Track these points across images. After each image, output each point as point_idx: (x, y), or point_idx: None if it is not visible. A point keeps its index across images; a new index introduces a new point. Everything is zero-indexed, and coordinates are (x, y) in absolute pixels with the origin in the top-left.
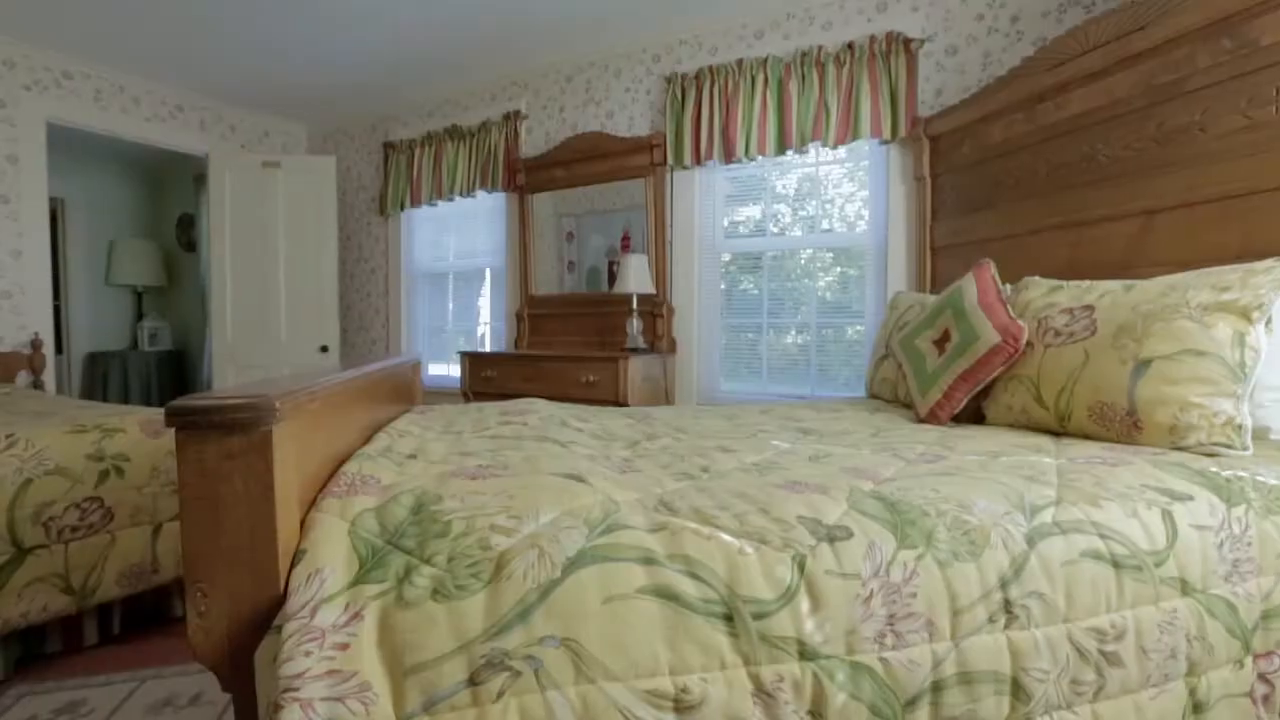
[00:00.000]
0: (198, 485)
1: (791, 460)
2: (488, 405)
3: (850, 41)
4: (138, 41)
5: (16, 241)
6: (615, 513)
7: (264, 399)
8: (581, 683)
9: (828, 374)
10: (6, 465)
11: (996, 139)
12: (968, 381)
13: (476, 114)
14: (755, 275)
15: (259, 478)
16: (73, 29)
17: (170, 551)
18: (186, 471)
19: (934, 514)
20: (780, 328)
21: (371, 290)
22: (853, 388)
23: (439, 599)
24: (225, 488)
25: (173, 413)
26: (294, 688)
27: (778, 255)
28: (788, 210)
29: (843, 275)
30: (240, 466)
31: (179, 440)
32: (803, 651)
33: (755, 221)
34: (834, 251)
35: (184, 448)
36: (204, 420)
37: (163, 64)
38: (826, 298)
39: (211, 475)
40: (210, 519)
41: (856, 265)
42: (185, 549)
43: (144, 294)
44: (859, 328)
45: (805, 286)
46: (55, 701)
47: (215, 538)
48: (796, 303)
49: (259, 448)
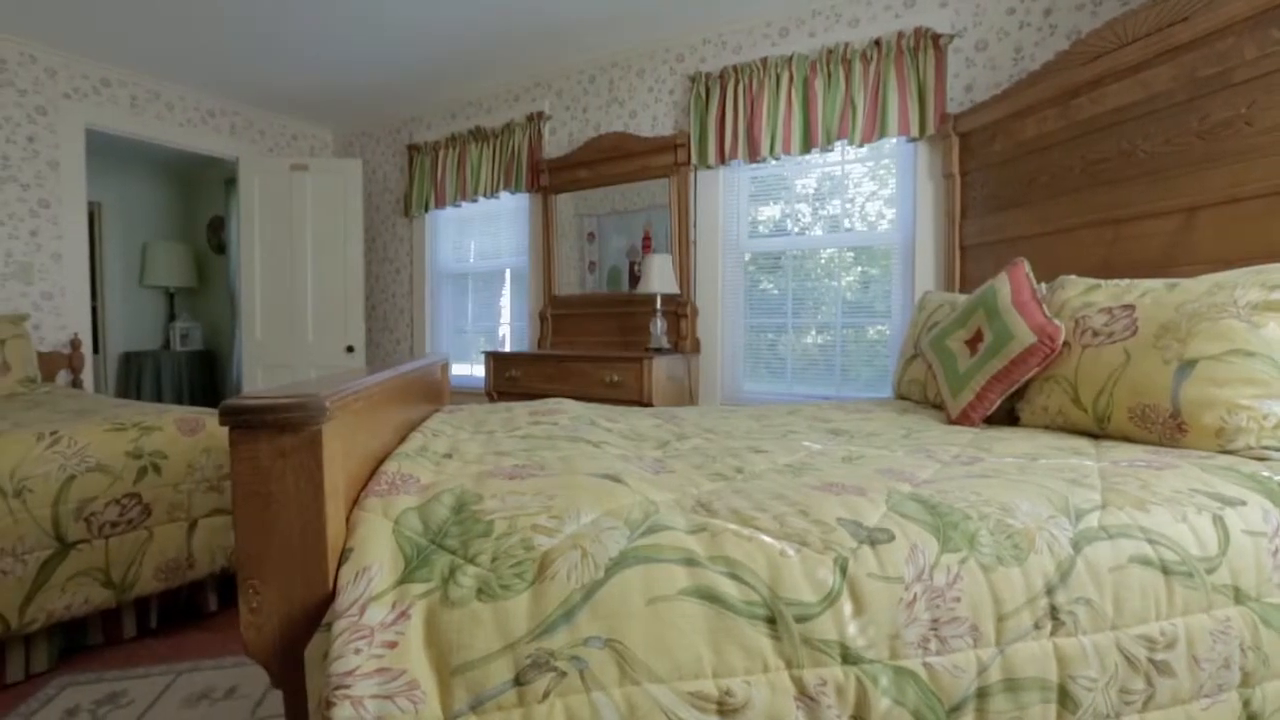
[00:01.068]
0: (250, 483)
1: (824, 461)
2: (516, 405)
3: (877, 38)
4: (172, 49)
5: (57, 244)
6: (655, 514)
7: (315, 398)
8: (626, 684)
9: (848, 374)
10: (51, 462)
11: (1029, 135)
12: (1001, 382)
13: (500, 115)
14: (775, 275)
15: (309, 476)
16: (110, 38)
17: (205, 547)
18: (240, 470)
19: (976, 517)
20: (801, 328)
21: (396, 291)
22: (874, 388)
23: (484, 599)
24: (277, 486)
25: (227, 411)
26: (345, 685)
27: (797, 255)
28: (809, 210)
29: (863, 275)
30: (292, 465)
31: (233, 439)
32: (845, 655)
33: (775, 221)
34: (854, 251)
35: (237, 446)
36: (257, 419)
37: (196, 70)
38: (847, 297)
39: (264, 473)
40: (262, 516)
41: (878, 265)
42: (238, 546)
43: (176, 295)
44: (880, 328)
45: (825, 286)
46: (97, 692)
47: (267, 535)
48: (816, 302)
49: (310, 446)
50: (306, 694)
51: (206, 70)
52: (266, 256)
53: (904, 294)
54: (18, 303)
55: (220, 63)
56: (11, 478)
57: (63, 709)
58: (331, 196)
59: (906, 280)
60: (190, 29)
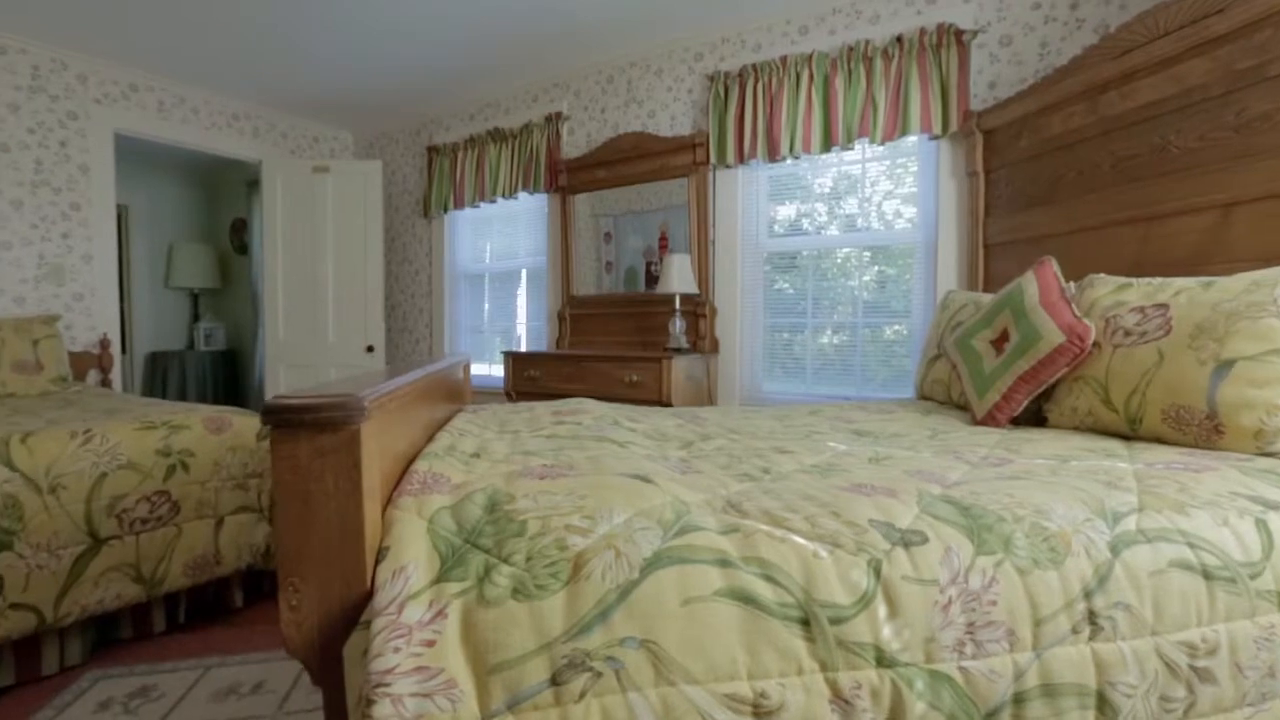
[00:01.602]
0: (291, 482)
1: (851, 462)
2: (539, 405)
3: (899, 35)
4: (198, 54)
5: (87, 246)
6: (687, 514)
7: (354, 398)
8: (662, 685)
9: (868, 375)
10: (84, 459)
11: (1056, 131)
12: (1029, 383)
13: (518, 116)
14: (793, 275)
15: (348, 475)
16: (139, 44)
17: (231, 544)
18: (280, 469)
19: (1010, 519)
20: (820, 328)
21: (415, 291)
22: (891, 389)
23: (519, 598)
24: (316, 485)
25: (268, 411)
26: (385, 683)
27: (811, 254)
28: (827, 208)
29: (881, 274)
30: (331, 464)
31: (274, 438)
32: (880, 658)
33: (791, 221)
34: (871, 250)
35: (278, 445)
36: (297, 419)
37: (220, 75)
38: (865, 297)
39: (303, 473)
40: (302, 515)
41: (894, 264)
42: (278, 544)
43: (200, 296)
44: (897, 327)
45: (843, 286)
46: (128, 685)
47: (307, 533)
48: (833, 302)
49: (348, 446)
50: (345, 691)
51: (231, 74)
52: (289, 257)
53: (925, 293)
54: (50, 303)
55: (244, 67)
56: (47, 474)
57: (96, 701)
58: (352, 198)
59: (928, 279)
60: (215, 34)
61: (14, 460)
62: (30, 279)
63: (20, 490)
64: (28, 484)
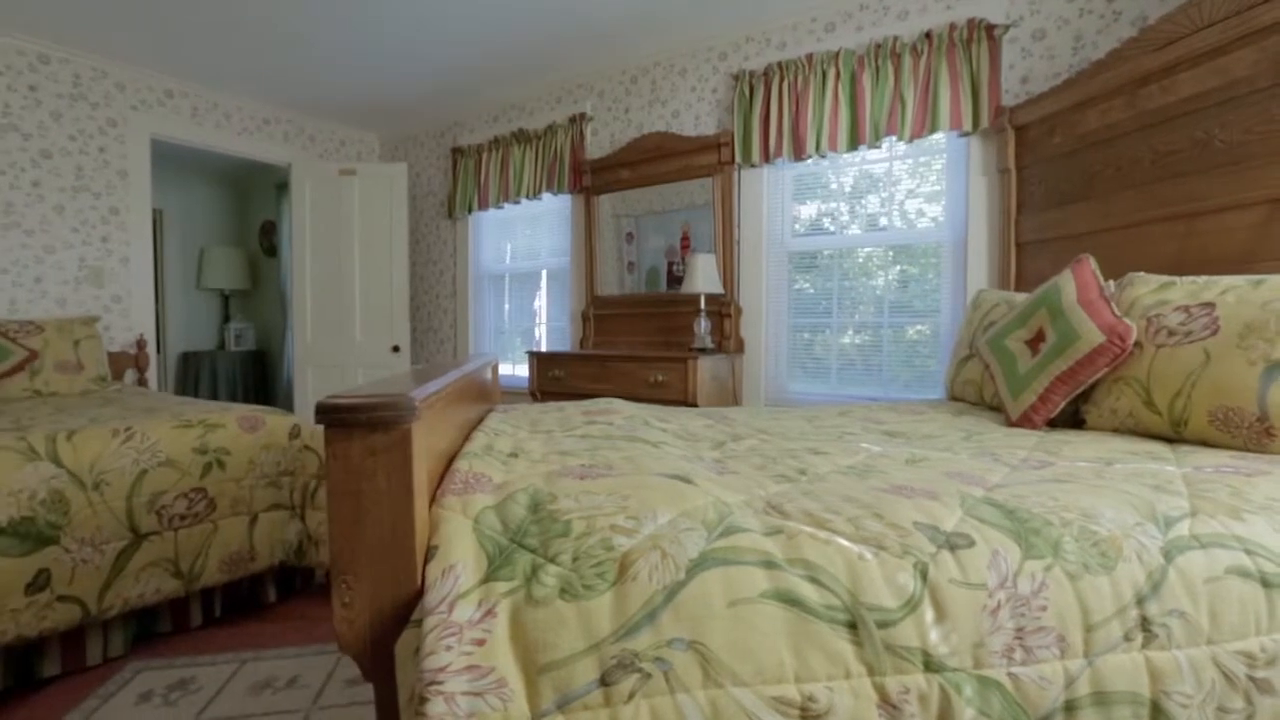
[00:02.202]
0: (344, 481)
1: (887, 464)
2: (568, 405)
3: (928, 30)
4: (230, 61)
5: (125, 249)
6: (730, 515)
7: (406, 398)
8: (710, 687)
9: (895, 375)
10: (125, 456)
11: (1092, 126)
12: (1066, 384)
13: (542, 117)
14: (816, 274)
15: (399, 474)
16: (174, 52)
17: (265, 541)
18: (334, 468)
19: (1058, 523)
20: (841, 328)
21: (440, 292)
22: (916, 389)
23: (567, 598)
24: (368, 484)
25: (321, 410)
26: (438, 681)
27: (836, 254)
28: (852, 207)
29: (905, 273)
30: (383, 463)
31: (327, 437)
32: (928, 663)
33: (812, 220)
34: (896, 249)
35: (331, 444)
36: (351, 418)
37: (251, 81)
38: (888, 297)
39: (356, 472)
40: (354, 514)
41: (918, 263)
42: (332, 542)
43: (230, 297)
44: (920, 327)
45: (867, 285)
46: (168, 678)
47: (359, 532)
48: (854, 301)
49: (400, 445)
50: (397, 687)
51: (261, 80)
52: (316, 259)
53: (954, 293)
54: (90, 305)
55: (274, 72)
56: (91, 471)
57: (137, 693)
58: (378, 200)
59: (957, 279)
60: (246, 41)
61: (60, 457)
62: (71, 281)
63: (66, 486)
64: (73, 480)
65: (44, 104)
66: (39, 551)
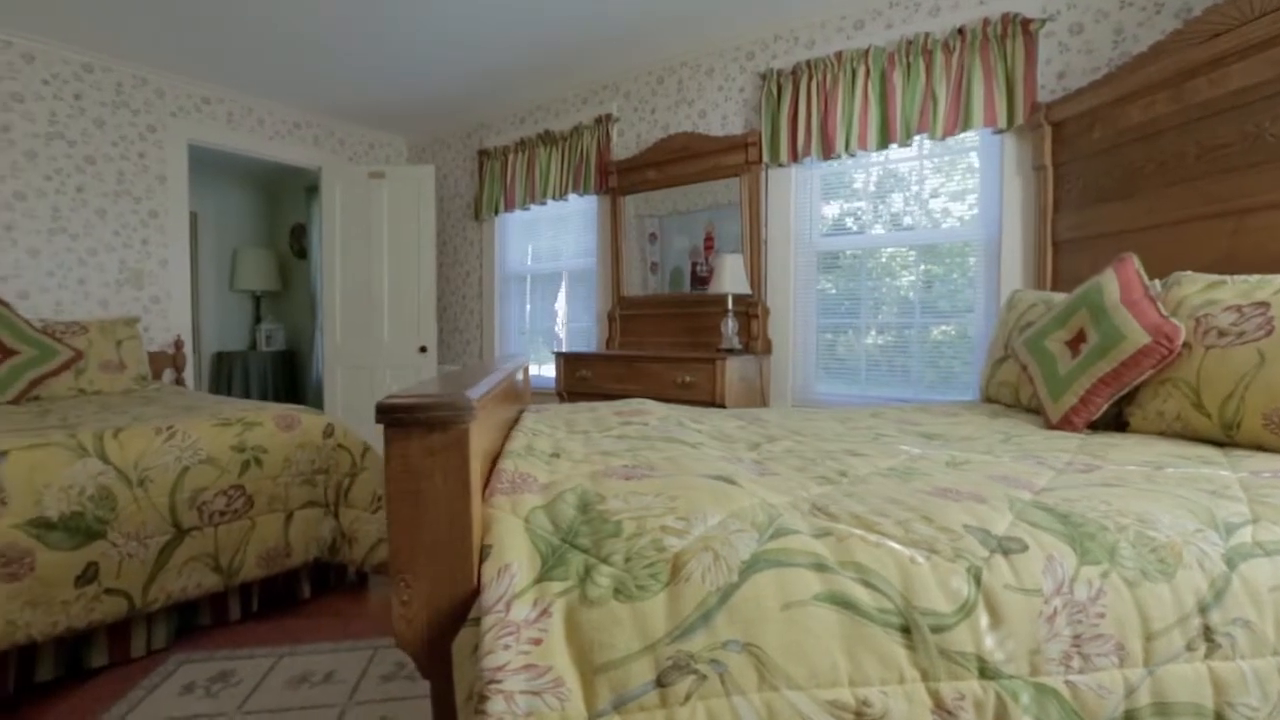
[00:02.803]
0: (402, 480)
1: (928, 466)
2: (600, 405)
3: (961, 26)
4: (263, 68)
5: (164, 252)
6: (779, 517)
7: (464, 398)
8: (765, 689)
9: (926, 376)
10: (168, 454)
11: (1134, 121)
12: (1109, 386)
13: (568, 119)
14: (844, 274)
15: (457, 474)
16: (210, 60)
17: (300, 538)
18: (393, 467)
19: (1113, 528)
20: (869, 328)
21: (466, 293)
22: (941, 391)
23: (621, 599)
24: (426, 484)
25: (381, 410)
26: (497, 680)
27: (863, 254)
28: (875, 206)
29: (932, 273)
30: (440, 463)
31: (387, 436)
32: (983, 669)
33: (840, 219)
34: (925, 249)
35: (391, 444)
36: (410, 418)
37: (283, 86)
38: (909, 297)
39: (414, 471)
40: (413, 513)
41: (942, 262)
42: (391, 541)
43: (261, 298)
44: (944, 328)
45: (893, 285)
46: (209, 670)
47: (417, 531)
48: (878, 302)
49: (457, 445)
50: (453, 684)
51: (293, 86)
52: (346, 261)
53: (987, 292)
54: (130, 306)
55: (305, 78)
56: (136, 468)
57: (180, 684)
58: (406, 202)
59: (990, 278)
60: (281, 50)
61: (108, 454)
62: (113, 283)
63: (113, 482)
64: (120, 477)
65: (88, 112)
66: (88, 545)
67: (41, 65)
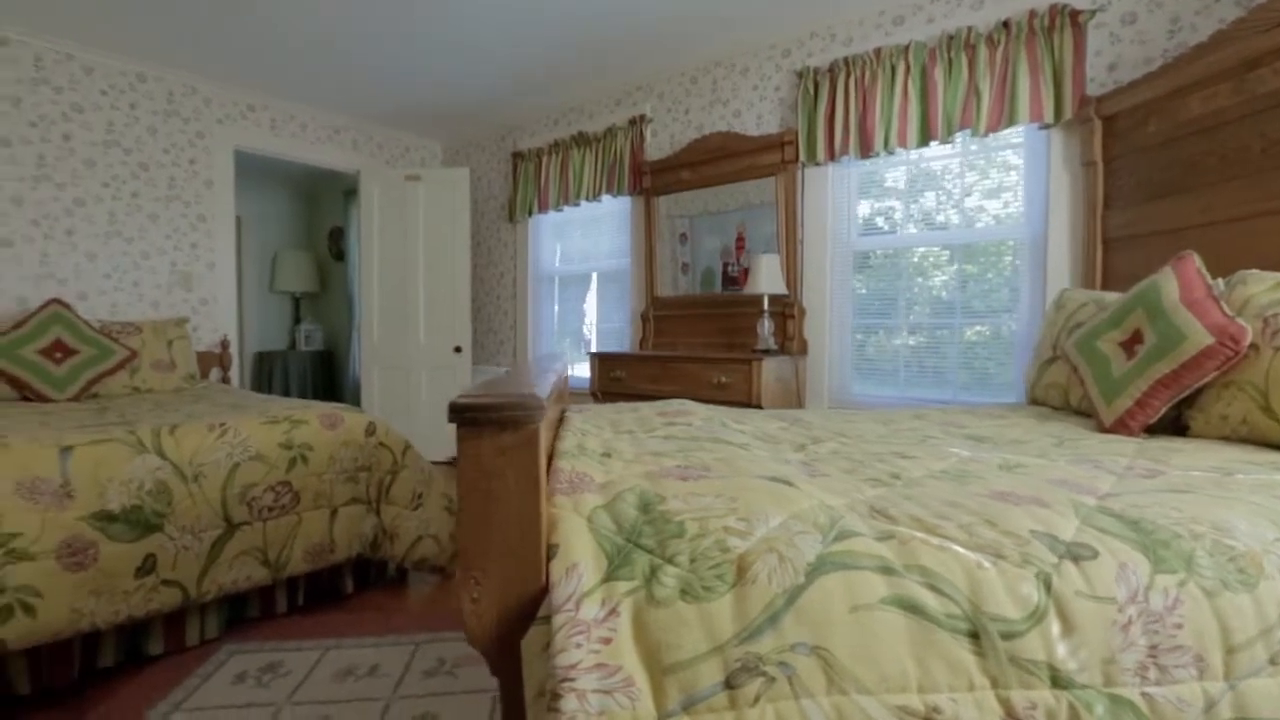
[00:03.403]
0: (474, 479)
1: (981, 469)
2: (641, 405)
3: (1006, 19)
4: (305, 74)
5: (211, 255)
6: (840, 519)
7: (536, 398)
8: (834, 693)
9: (955, 377)
10: (220, 450)
11: (1193, 114)
12: (1169, 388)
13: (601, 120)
14: (881, 274)
15: (527, 472)
16: (255, 68)
17: (344, 534)
18: (465, 466)
19: (1188, 536)
20: (907, 328)
21: (500, 293)
22: (974, 392)
23: (688, 599)
24: (498, 483)
25: (455, 410)
26: (570, 678)
27: (900, 253)
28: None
29: (970, 273)
30: (511, 462)
31: (460, 435)
32: (1055, 678)
33: (874, 219)
34: (965, 248)
35: (463, 443)
36: (483, 417)
37: (324, 93)
38: (942, 297)
39: (486, 470)
40: (484, 511)
41: (977, 261)
42: (461, 539)
43: (301, 299)
44: (979, 328)
45: (931, 285)
46: (259, 660)
47: (488, 530)
48: (909, 302)
49: (528, 444)
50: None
51: (334, 93)
52: (384, 262)
53: (1032, 292)
54: (180, 307)
55: (343, 84)
56: (190, 463)
57: (233, 673)
58: (442, 204)
59: (1035, 277)
60: (319, 55)
61: (165, 450)
62: (164, 285)
63: (170, 478)
64: (176, 472)
65: (141, 120)
66: (146, 538)
67: (100, 76)
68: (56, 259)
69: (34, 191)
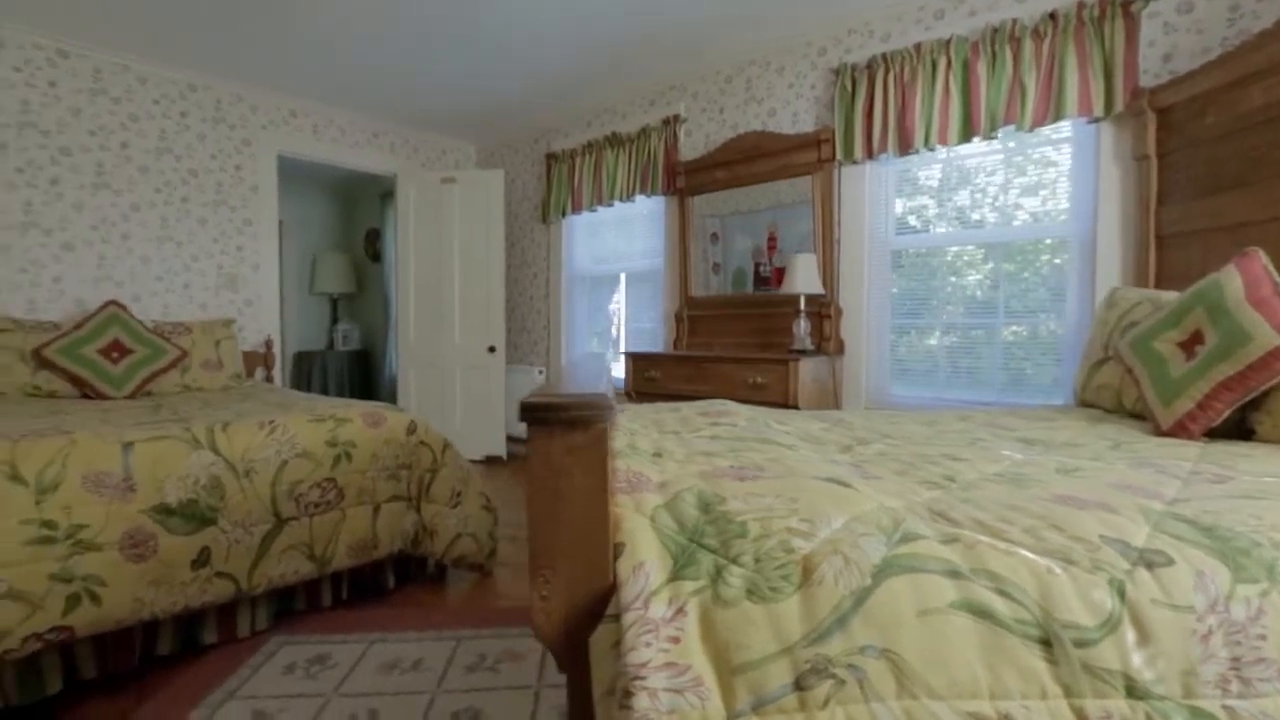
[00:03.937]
0: (544, 478)
1: (1038, 472)
2: (681, 405)
3: (1052, 11)
4: (345, 82)
5: (256, 257)
6: (903, 521)
7: (605, 398)
8: (904, 697)
9: (995, 378)
10: (269, 448)
11: (1256, 104)
12: (1234, 391)
13: (635, 121)
14: (920, 273)
15: (596, 472)
16: (297, 76)
17: (386, 530)
18: (535, 465)
19: (1268, 544)
20: (941, 328)
21: (534, 294)
22: (1011, 393)
23: (754, 600)
24: (566, 482)
25: (526, 409)
26: (641, 677)
27: (940, 252)
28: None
29: (1014, 272)
30: (580, 461)
31: (530, 434)
32: (1131, 689)
33: (908, 217)
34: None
35: (534, 441)
36: (553, 417)
37: (363, 97)
38: (977, 295)
39: (555, 469)
40: (553, 510)
41: (1014, 260)
42: (532, 537)
43: (338, 300)
44: (1016, 328)
45: (971, 284)
46: (307, 652)
47: (557, 528)
48: (943, 302)
49: (596, 444)
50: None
51: (372, 98)
52: (420, 263)
53: (1080, 291)
54: (227, 309)
55: (381, 89)
56: (242, 460)
57: (283, 664)
58: (476, 206)
59: (1083, 276)
60: (358, 61)
61: (218, 446)
62: (211, 286)
63: (223, 473)
64: (228, 468)
65: (191, 128)
66: (201, 531)
67: (153, 86)
68: (113, 262)
69: (93, 198)
